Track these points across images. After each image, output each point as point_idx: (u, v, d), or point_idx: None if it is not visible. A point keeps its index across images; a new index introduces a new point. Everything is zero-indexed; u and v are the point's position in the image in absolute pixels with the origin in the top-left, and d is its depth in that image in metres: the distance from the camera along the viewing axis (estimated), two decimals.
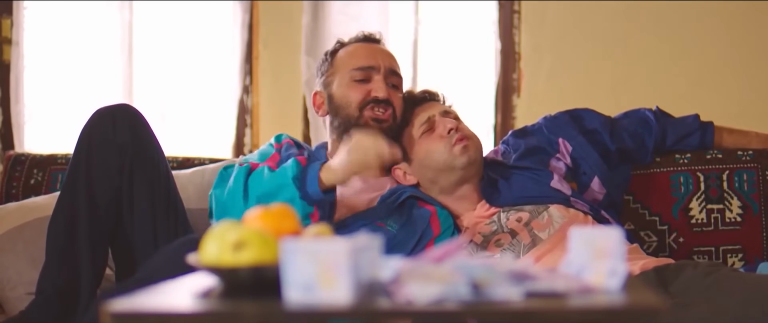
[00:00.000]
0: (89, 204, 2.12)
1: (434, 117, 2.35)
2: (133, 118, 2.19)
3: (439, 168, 2.31)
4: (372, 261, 1.28)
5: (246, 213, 1.41)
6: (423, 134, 2.34)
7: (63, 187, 2.18)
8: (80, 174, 2.13)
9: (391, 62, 2.40)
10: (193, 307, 1.22)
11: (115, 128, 2.15)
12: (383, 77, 2.35)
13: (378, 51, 2.41)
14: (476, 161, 2.32)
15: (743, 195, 2.48)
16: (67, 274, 2.09)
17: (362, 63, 2.37)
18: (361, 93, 2.33)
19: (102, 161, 2.14)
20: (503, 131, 3.70)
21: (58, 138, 3.49)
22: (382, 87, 2.33)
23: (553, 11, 3.67)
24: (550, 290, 1.24)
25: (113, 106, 2.21)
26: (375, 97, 2.32)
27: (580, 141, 2.41)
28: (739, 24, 3.55)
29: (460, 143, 2.29)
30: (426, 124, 2.34)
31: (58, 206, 2.16)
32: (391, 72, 2.37)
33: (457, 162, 2.29)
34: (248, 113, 3.89)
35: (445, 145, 2.29)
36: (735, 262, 2.46)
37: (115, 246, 2.20)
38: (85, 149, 2.15)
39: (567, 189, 2.34)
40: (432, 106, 2.39)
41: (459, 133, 2.30)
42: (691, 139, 2.51)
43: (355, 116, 2.33)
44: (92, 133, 2.16)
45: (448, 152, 2.29)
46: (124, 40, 3.65)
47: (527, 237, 2.23)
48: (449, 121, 2.32)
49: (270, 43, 3.88)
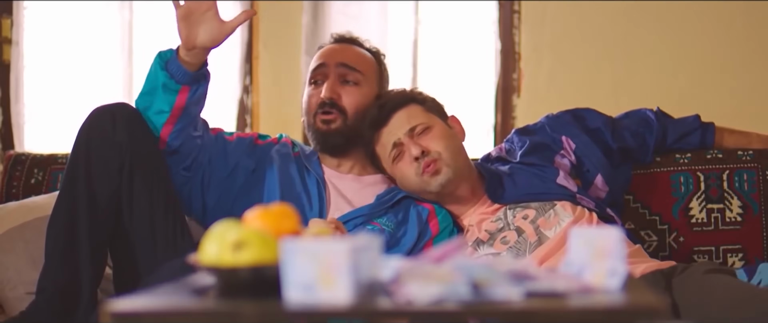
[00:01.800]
0: (89, 204, 2.09)
1: (400, 141, 2.27)
2: (132, 117, 2.16)
3: (418, 191, 2.30)
4: (372, 261, 1.28)
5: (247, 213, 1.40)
6: (394, 160, 2.29)
7: (62, 186, 2.15)
8: (79, 173, 2.10)
9: (344, 56, 2.34)
10: (193, 307, 1.22)
11: (114, 126, 2.12)
12: (333, 75, 2.30)
13: (335, 49, 2.37)
14: (451, 180, 2.25)
15: (743, 195, 2.48)
16: (67, 274, 2.07)
17: (315, 64, 2.35)
18: (315, 98, 2.31)
19: (101, 160, 2.10)
20: (503, 131, 3.70)
21: (58, 138, 3.49)
22: (326, 87, 2.29)
23: (553, 11, 3.67)
24: (550, 290, 1.24)
25: (112, 104, 2.18)
26: (320, 99, 2.29)
27: (583, 139, 2.41)
28: (739, 24, 3.55)
29: (428, 171, 2.23)
30: (395, 151, 2.28)
31: (58, 205, 2.13)
32: (341, 65, 2.32)
33: (430, 188, 2.26)
34: (248, 113, 3.89)
35: (416, 172, 2.25)
36: (735, 262, 2.46)
37: (114, 245, 2.17)
38: (83, 148, 2.12)
39: (573, 186, 2.33)
40: (398, 124, 2.29)
41: (426, 158, 2.24)
42: (692, 138, 2.51)
43: (312, 123, 2.32)
44: (91, 132, 2.13)
45: (420, 179, 2.25)
46: (124, 40, 3.65)
47: (533, 235, 2.22)
48: (414, 147, 2.24)
49: (270, 43, 3.87)
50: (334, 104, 2.29)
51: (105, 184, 2.10)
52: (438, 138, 2.27)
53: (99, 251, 2.13)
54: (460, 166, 2.28)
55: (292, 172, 2.33)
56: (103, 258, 2.15)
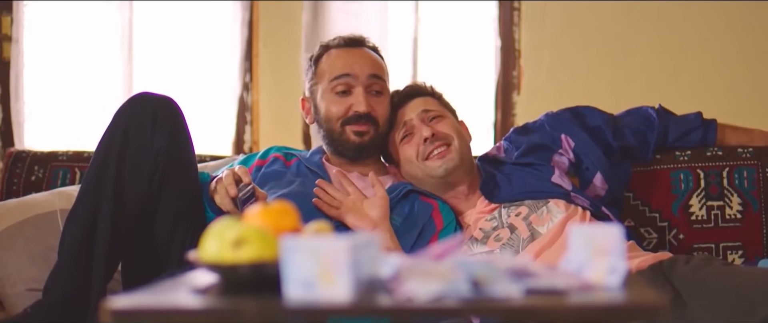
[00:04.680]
0: (113, 210, 2.01)
1: (412, 121, 2.32)
2: (174, 119, 2.08)
3: (419, 177, 2.31)
4: (372, 259, 1.28)
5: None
6: (402, 139, 2.32)
7: (87, 183, 2.05)
8: (109, 171, 2.02)
9: (372, 67, 2.35)
10: (193, 304, 1.22)
11: (154, 128, 2.04)
12: (363, 87, 2.31)
13: (358, 57, 2.36)
14: (457, 167, 2.28)
15: (743, 192, 2.48)
16: (78, 280, 2.00)
17: (340, 72, 2.32)
18: (342, 107, 2.31)
19: (134, 165, 2.03)
20: (503, 128, 3.70)
21: (57, 135, 3.49)
22: (361, 100, 2.29)
23: (553, 9, 3.67)
24: (550, 287, 1.24)
25: (155, 97, 2.08)
26: (356, 112, 2.29)
27: (583, 137, 2.41)
28: (739, 24, 3.55)
29: (436, 154, 2.26)
30: (404, 129, 2.32)
31: (80, 204, 2.05)
32: (371, 77, 2.33)
33: (434, 173, 2.28)
34: (248, 110, 3.89)
35: (419, 154, 2.28)
36: (735, 259, 2.46)
37: (128, 253, 2.11)
38: (119, 144, 2.03)
39: (568, 184, 2.33)
40: (413, 107, 2.34)
41: (436, 141, 2.27)
42: (693, 136, 2.51)
43: (338, 132, 2.32)
44: (129, 130, 2.04)
45: (422, 164, 2.28)
46: (124, 38, 3.65)
47: (526, 231, 2.23)
48: (425, 129, 2.28)
49: (270, 40, 3.87)
50: (369, 116, 2.30)
51: (133, 190, 2.04)
52: (449, 127, 2.32)
53: (114, 261, 2.07)
54: (466, 158, 2.31)
55: (293, 180, 2.33)
56: (116, 266, 2.09)
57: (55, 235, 2.33)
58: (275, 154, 2.42)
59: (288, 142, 3.77)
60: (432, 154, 2.27)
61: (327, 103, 2.33)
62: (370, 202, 2.22)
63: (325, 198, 2.24)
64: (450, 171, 2.28)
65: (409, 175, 2.34)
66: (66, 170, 2.68)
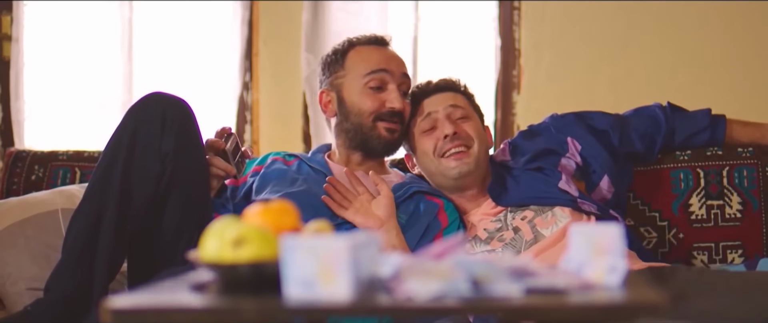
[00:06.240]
0: (118, 211, 2.00)
1: (437, 113, 2.31)
2: (184, 122, 2.07)
3: (432, 172, 2.31)
4: (372, 258, 1.28)
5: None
6: (424, 131, 2.32)
7: (93, 183, 2.04)
8: (116, 171, 2.01)
9: (402, 66, 2.38)
10: (193, 304, 1.22)
11: (163, 131, 2.03)
12: (396, 85, 2.32)
13: (391, 56, 2.38)
14: (471, 172, 2.28)
15: (743, 191, 2.48)
16: (79, 280, 1.99)
17: (377, 67, 2.33)
18: (375, 103, 2.31)
19: (142, 166, 2.02)
20: (503, 128, 3.70)
21: (57, 134, 3.49)
22: (397, 98, 2.30)
23: (553, 8, 3.67)
24: (550, 286, 1.24)
25: (165, 98, 2.07)
26: (391, 108, 2.30)
27: (590, 140, 2.39)
28: (739, 23, 3.55)
29: (454, 151, 2.26)
30: (427, 121, 2.32)
31: (85, 203, 2.03)
32: (404, 76, 2.35)
33: (448, 173, 2.28)
34: (248, 110, 3.89)
35: (437, 152, 2.27)
36: (735, 258, 2.46)
37: (132, 253, 2.10)
38: (127, 145, 2.02)
39: (574, 190, 2.31)
40: (442, 99, 2.34)
41: (456, 140, 2.26)
42: (701, 136, 2.49)
43: (368, 126, 2.31)
44: (138, 131, 2.03)
45: (437, 161, 2.28)
46: (124, 37, 3.65)
47: (529, 233, 2.22)
48: (448, 126, 2.27)
49: (270, 39, 3.87)
50: (401, 115, 2.32)
51: (140, 191, 2.03)
52: (474, 129, 2.31)
53: (117, 262, 2.05)
54: (482, 164, 2.30)
55: (294, 179, 2.33)
56: (119, 266, 2.08)
57: (56, 234, 2.33)
58: (273, 157, 2.42)
59: (288, 141, 3.78)
60: (449, 152, 2.27)
61: (358, 97, 2.33)
62: (376, 202, 2.23)
63: (335, 196, 2.24)
64: (464, 175, 2.27)
65: (423, 167, 2.34)
66: (66, 169, 2.68)
